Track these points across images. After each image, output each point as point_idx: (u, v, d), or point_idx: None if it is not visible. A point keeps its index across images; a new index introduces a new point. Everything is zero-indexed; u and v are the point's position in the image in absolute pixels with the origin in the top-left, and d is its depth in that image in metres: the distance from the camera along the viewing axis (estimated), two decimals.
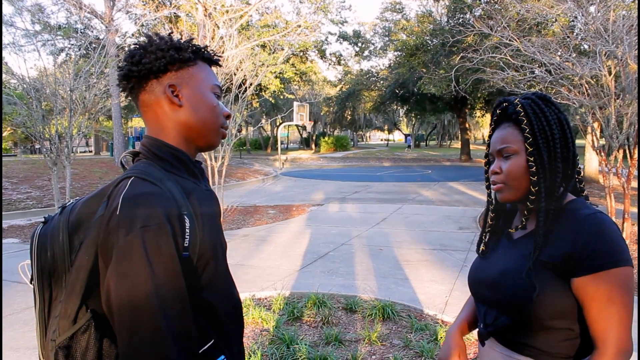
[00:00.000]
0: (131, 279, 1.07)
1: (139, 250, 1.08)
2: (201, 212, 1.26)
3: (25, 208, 11.97)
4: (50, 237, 1.29)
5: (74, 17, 23.81)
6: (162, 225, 1.11)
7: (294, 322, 4.58)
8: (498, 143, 1.45)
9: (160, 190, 1.17)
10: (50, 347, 1.19)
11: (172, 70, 1.29)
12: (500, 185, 1.43)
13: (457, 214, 11.25)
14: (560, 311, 1.30)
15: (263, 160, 34.75)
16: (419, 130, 74.44)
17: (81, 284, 1.17)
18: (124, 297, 1.07)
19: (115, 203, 1.13)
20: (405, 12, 33.73)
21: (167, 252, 1.11)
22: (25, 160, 20.59)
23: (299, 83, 36.76)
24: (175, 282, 1.12)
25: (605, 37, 7.87)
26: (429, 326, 4.38)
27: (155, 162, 1.27)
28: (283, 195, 15.69)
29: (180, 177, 1.29)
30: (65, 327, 1.18)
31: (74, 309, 1.18)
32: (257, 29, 26.24)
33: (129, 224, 1.09)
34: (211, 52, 1.38)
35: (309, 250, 7.74)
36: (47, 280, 1.28)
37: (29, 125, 9.10)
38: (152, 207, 1.12)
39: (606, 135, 8.09)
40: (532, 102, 1.41)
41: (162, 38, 1.31)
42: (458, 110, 35.09)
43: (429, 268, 6.61)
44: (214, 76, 1.37)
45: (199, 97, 1.31)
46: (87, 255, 1.18)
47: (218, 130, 1.37)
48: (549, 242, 1.33)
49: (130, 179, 1.19)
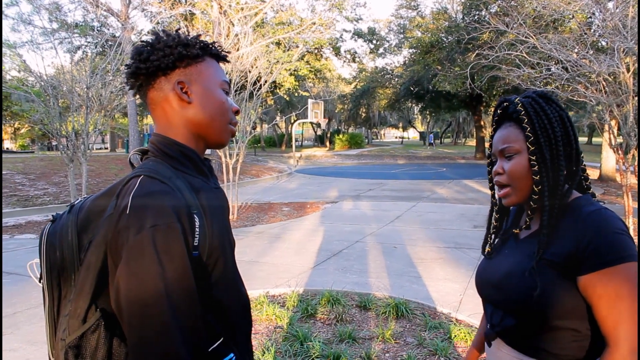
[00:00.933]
0: (141, 278, 1.07)
1: (149, 249, 1.07)
2: (210, 210, 1.25)
3: (42, 204, 12.10)
4: (59, 236, 1.29)
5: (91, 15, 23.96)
6: (172, 224, 1.11)
7: (308, 319, 4.59)
8: (500, 143, 1.44)
9: (170, 188, 1.17)
10: (60, 347, 1.19)
11: (180, 67, 1.28)
12: (506, 190, 1.42)
13: (472, 212, 11.19)
14: (567, 311, 1.29)
15: (277, 158, 34.80)
16: (434, 128, 74.13)
17: (90, 283, 1.17)
18: (133, 296, 1.07)
19: (125, 202, 1.13)
20: (421, 9, 33.57)
21: (177, 251, 1.11)
22: (43, 157, 20.80)
23: (313, 80, 36.70)
24: (185, 281, 1.12)
25: (624, 33, 7.78)
26: (442, 324, 4.37)
27: (164, 160, 1.27)
28: (297, 192, 15.72)
29: (189, 175, 1.28)
30: (75, 327, 1.18)
31: (83, 308, 1.17)
32: (271, 27, 26.26)
33: (139, 223, 1.09)
34: (219, 48, 1.37)
35: (322, 248, 7.75)
36: (56, 279, 1.28)
37: (47, 122, 9.20)
38: (162, 206, 1.12)
39: (624, 133, 8.00)
40: (532, 101, 1.41)
41: (169, 35, 1.30)
42: (473, 107, 34.90)
43: (443, 266, 6.58)
44: (222, 72, 1.36)
45: (208, 93, 1.30)
46: (96, 254, 1.17)
47: (227, 126, 1.36)
48: (553, 240, 1.32)
49: (140, 177, 1.18)
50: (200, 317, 1.17)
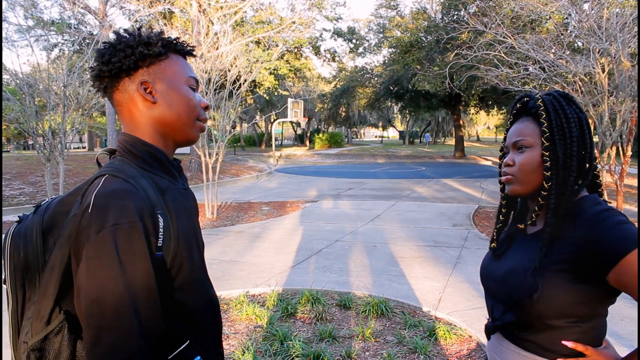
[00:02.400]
0: (101, 277, 1.05)
1: (110, 248, 1.06)
2: (176, 211, 1.24)
3: (19, 204, 11.92)
4: (23, 237, 1.26)
5: (68, 13, 23.67)
6: (134, 223, 1.09)
7: (288, 318, 4.59)
8: (514, 136, 1.44)
9: (133, 187, 1.15)
10: (23, 350, 1.17)
11: (143, 67, 1.26)
12: (510, 176, 1.42)
13: (452, 210, 11.27)
14: (566, 311, 1.30)
15: (257, 157, 34.70)
16: (414, 127, 74.50)
17: (55, 284, 1.15)
18: (93, 297, 1.05)
19: (88, 201, 1.11)
20: (400, 8, 33.67)
21: (139, 251, 1.09)
22: (19, 156, 20.51)
23: (293, 79, 36.69)
24: (146, 281, 1.10)
25: (599, 34, 7.90)
26: (422, 322, 4.40)
27: (130, 160, 1.25)
28: (277, 191, 15.69)
29: (156, 175, 1.26)
30: (38, 329, 1.16)
31: (47, 310, 1.16)
32: (251, 25, 26.20)
33: (100, 221, 1.07)
34: (183, 43, 1.35)
35: (302, 247, 7.75)
36: (20, 280, 1.25)
37: (22, 121, 9.06)
38: (124, 205, 1.10)
39: (599, 133, 8.13)
40: (553, 99, 1.40)
41: (131, 34, 1.28)
42: (452, 107, 35.15)
43: (423, 265, 6.62)
44: (189, 68, 1.34)
45: (173, 91, 1.29)
46: (60, 254, 1.16)
47: (194, 123, 1.33)
48: (559, 240, 1.32)
49: (104, 176, 1.17)
50: (161, 319, 1.14)
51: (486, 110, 38.57)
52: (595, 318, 1.33)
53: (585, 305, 1.30)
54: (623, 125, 7.88)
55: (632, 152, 8.27)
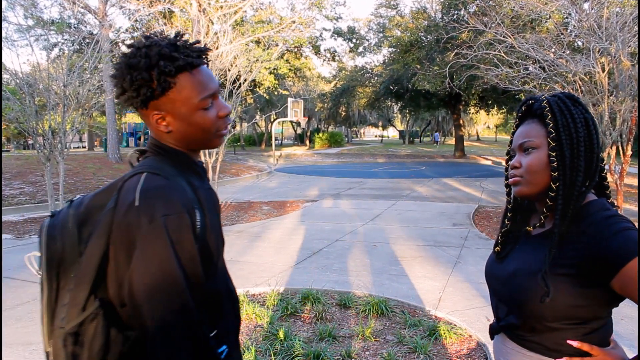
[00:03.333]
0: (157, 261, 1.14)
1: (163, 237, 1.15)
2: (207, 207, 1.32)
3: (19, 204, 11.92)
4: (59, 228, 1.33)
5: (67, 12, 23.67)
6: (181, 214, 1.19)
7: (288, 318, 4.59)
8: (520, 138, 1.43)
9: (174, 184, 1.24)
10: (59, 334, 1.23)
11: (153, 101, 1.28)
12: (517, 178, 1.41)
13: (451, 210, 11.27)
14: (569, 314, 1.30)
15: (257, 157, 34.70)
16: (413, 127, 74.46)
17: (91, 273, 1.22)
18: (152, 281, 1.14)
19: (132, 196, 1.19)
20: (400, 8, 33.67)
21: (188, 239, 1.19)
22: (19, 156, 20.49)
23: (293, 79, 36.67)
24: (195, 268, 1.21)
25: (599, 34, 7.90)
26: (422, 322, 4.40)
27: (163, 159, 1.33)
28: (277, 191, 15.69)
29: (187, 174, 1.35)
30: (74, 315, 1.23)
31: (83, 298, 1.22)
32: (251, 25, 26.19)
33: (150, 213, 1.16)
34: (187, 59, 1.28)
35: (303, 247, 7.75)
36: (55, 270, 1.31)
37: (22, 120, 9.05)
38: (171, 198, 1.20)
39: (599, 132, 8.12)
40: (558, 100, 1.40)
41: (135, 68, 1.25)
42: (452, 106, 35.13)
43: (423, 264, 6.62)
44: (201, 85, 1.31)
45: (184, 122, 1.31)
46: (97, 245, 1.22)
47: (212, 138, 1.38)
48: (566, 244, 1.31)
49: (143, 174, 1.25)
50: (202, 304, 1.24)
51: (486, 109, 38.55)
52: (599, 320, 1.33)
53: (588, 309, 1.29)
54: (623, 125, 7.88)
55: (632, 152, 8.27)
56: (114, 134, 21.49)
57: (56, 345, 1.24)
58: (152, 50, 1.25)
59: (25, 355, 3.99)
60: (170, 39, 1.30)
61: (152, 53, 1.25)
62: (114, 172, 17.67)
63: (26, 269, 5.32)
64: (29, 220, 10.32)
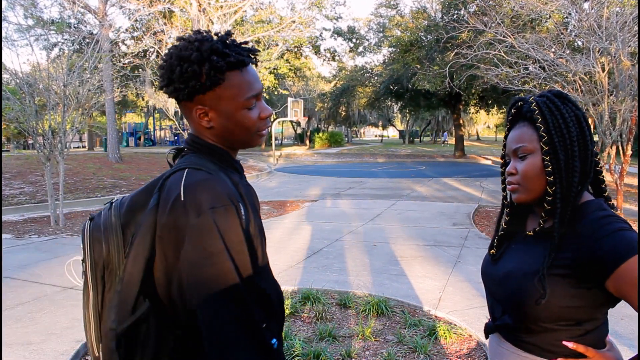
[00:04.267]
0: (210, 255, 1.15)
1: (213, 228, 1.16)
2: (248, 202, 1.33)
3: (19, 204, 11.92)
4: (104, 230, 1.33)
5: (67, 12, 23.67)
6: (228, 206, 1.19)
7: (288, 317, 4.58)
8: (513, 143, 1.41)
9: (218, 178, 1.25)
10: (111, 336, 1.24)
11: (200, 95, 1.29)
12: (515, 185, 1.40)
13: (451, 210, 11.27)
14: (564, 315, 1.30)
15: (257, 156, 34.67)
16: (413, 127, 74.47)
17: (139, 273, 1.23)
18: (204, 275, 1.15)
19: (176, 191, 1.20)
20: (400, 8, 33.70)
21: (236, 230, 1.20)
22: (19, 156, 20.50)
23: (293, 79, 36.71)
24: (245, 258, 1.22)
25: (599, 33, 7.90)
26: (422, 322, 4.39)
27: (203, 156, 1.34)
28: (277, 191, 15.69)
29: (227, 170, 1.36)
30: (124, 316, 1.23)
31: (132, 298, 1.23)
32: (251, 25, 26.20)
33: (197, 206, 1.16)
34: (238, 57, 1.30)
35: (303, 246, 7.75)
36: (100, 272, 1.32)
37: (22, 120, 9.06)
38: (216, 191, 1.20)
39: (599, 132, 8.12)
40: (547, 100, 1.38)
41: (186, 60, 1.26)
42: (452, 106, 35.11)
43: (423, 264, 6.62)
44: (247, 85, 1.33)
45: (227, 119, 1.33)
46: (142, 245, 1.23)
47: (252, 138, 1.40)
48: (562, 245, 1.30)
49: (185, 170, 1.26)
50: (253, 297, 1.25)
51: (486, 109, 38.52)
52: (594, 321, 1.32)
53: (583, 310, 1.29)
54: (623, 125, 7.88)
55: (632, 152, 8.27)
56: (114, 133, 21.50)
57: (108, 348, 1.25)
58: (204, 44, 1.27)
59: (25, 355, 3.99)
60: (222, 36, 1.32)
61: (204, 47, 1.26)
62: (114, 172, 17.67)
63: (26, 269, 5.28)
64: (29, 220, 10.32)
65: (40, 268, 6.52)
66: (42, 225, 9.72)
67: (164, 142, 54.81)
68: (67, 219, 10.06)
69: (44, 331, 4.48)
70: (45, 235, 8.74)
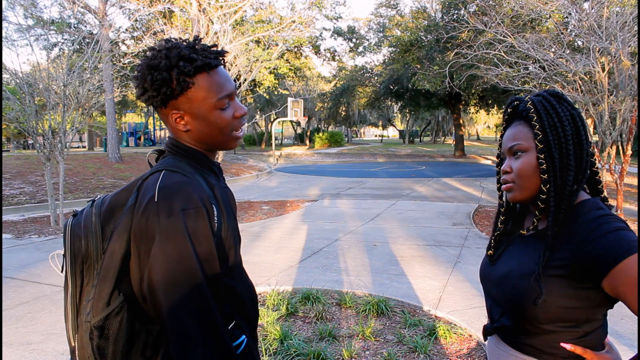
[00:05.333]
0: (176, 257, 1.19)
1: (182, 230, 1.19)
2: (223, 204, 1.37)
3: (19, 203, 11.92)
4: (84, 227, 1.38)
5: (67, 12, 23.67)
6: (199, 209, 1.23)
7: (288, 317, 4.59)
8: (509, 141, 1.42)
9: (192, 180, 1.29)
10: (85, 328, 1.29)
11: (172, 100, 1.34)
12: (510, 184, 1.40)
13: (451, 209, 11.27)
14: (562, 316, 1.29)
15: (257, 156, 34.68)
16: (413, 126, 74.46)
17: (115, 269, 1.27)
18: (170, 275, 1.19)
19: (151, 192, 1.25)
20: (400, 8, 33.75)
21: (205, 233, 1.23)
22: (19, 156, 20.49)
23: (293, 79, 36.68)
24: (213, 261, 1.25)
25: (599, 33, 7.90)
26: (422, 322, 4.40)
27: (181, 159, 1.38)
28: (277, 191, 15.69)
29: (204, 172, 1.40)
30: (99, 309, 1.27)
31: (107, 293, 1.27)
32: (251, 25, 26.18)
33: (168, 208, 1.21)
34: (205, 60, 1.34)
35: (303, 246, 7.75)
36: (79, 266, 1.37)
37: (22, 120, 9.06)
38: (189, 194, 1.24)
39: (599, 132, 8.12)
40: (543, 99, 1.39)
41: (155, 69, 1.31)
42: (452, 106, 35.13)
43: (423, 264, 6.62)
44: (218, 85, 1.36)
45: (201, 121, 1.37)
46: (119, 242, 1.28)
47: (228, 137, 1.43)
48: (558, 245, 1.30)
49: (162, 172, 1.30)
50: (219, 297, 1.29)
51: (486, 109, 38.54)
52: (592, 322, 1.32)
53: (581, 311, 1.29)
54: (623, 124, 7.88)
55: (632, 151, 8.27)
56: (114, 133, 21.48)
57: (82, 339, 1.29)
58: (172, 52, 1.32)
59: (25, 355, 3.99)
60: (190, 42, 1.37)
61: (172, 54, 1.31)
62: (114, 172, 17.66)
63: (26, 269, 5.30)
64: (29, 220, 10.32)
65: (40, 268, 6.52)
66: (42, 225, 9.72)
67: (163, 142, 54.63)
68: (67, 219, 10.06)
69: (44, 331, 4.48)
70: (45, 235, 8.74)
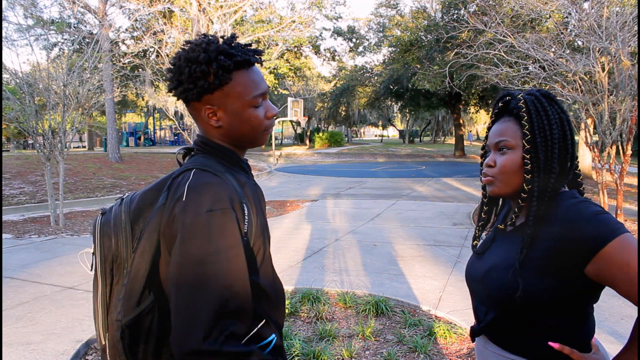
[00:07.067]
0: (197, 257, 1.16)
1: (204, 230, 1.17)
2: (254, 202, 1.35)
3: (19, 203, 11.92)
4: (113, 225, 1.38)
5: (67, 12, 23.68)
6: (226, 210, 1.20)
7: (288, 317, 4.58)
8: (496, 136, 1.43)
9: (223, 180, 1.27)
10: (116, 327, 1.28)
11: (208, 95, 1.32)
12: (490, 178, 1.42)
13: (451, 209, 11.27)
14: (548, 309, 1.30)
15: (257, 156, 34.66)
16: (413, 126, 74.46)
17: (145, 268, 1.27)
18: (190, 275, 1.16)
19: (180, 191, 1.23)
20: (400, 7, 33.73)
21: (231, 234, 1.20)
22: (19, 156, 20.50)
23: (293, 79, 36.69)
24: (239, 263, 1.21)
25: (599, 33, 7.89)
26: (422, 322, 4.39)
27: (211, 157, 1.37)
28: (277, 190, 15.68)
29: (234, 170, 1.38)
30: (130, 308, 1.27)
31: (137, 291, 1.27)
32: (251, 25, 26.21)
33: (195, 208, 1.19)
34: (244, 56, 1.33)
35: (303, 246, 7.75)
36: (109, 265, 1.37)
37: (22, 120, 9.06)
38: (217, 194, 1.21)
39: (599, 132, 8.12)
40: (535, 99, 1.39)
41: (194, 62, 1.30)
42: (452, 106, 35.13)
43: (423, 264, 6.62)
44: (253, 84, 1.36)
45: (235, 117, 1.36)
46: (149, 241, 1.27)
47: (259, 136, 1.42)
48: (538, 237, 1.31)
49: (192, 170, 1.28)
50: (250, 297, 1.25)
51: (486, 109, 38.46)
52: (579, 317, 1.32)
53: (566, 303, 1.29)
54: (623, 124, 7.87)
55: (632, 151, 8.27)
56: (114, 133, 21.48)
57: (113, 338, 1.29)
58: (210, 46, 1.31)
59: (25, 355, 3.99)
60: (227, 39, 1.36)
61: (210, 49, 1.30)
62: (114, 172, 17.67)
63: (26, 269, 5.30)
64: (29, 220, 10.32)
65: (40, 268, 6.52)
66: (42, 225, 9.72)
67: (163, 142, 54.85)
68: (67, 219, 10.06)
69: (44, 331, 4.48)
70: (45, 235, 8.74)
